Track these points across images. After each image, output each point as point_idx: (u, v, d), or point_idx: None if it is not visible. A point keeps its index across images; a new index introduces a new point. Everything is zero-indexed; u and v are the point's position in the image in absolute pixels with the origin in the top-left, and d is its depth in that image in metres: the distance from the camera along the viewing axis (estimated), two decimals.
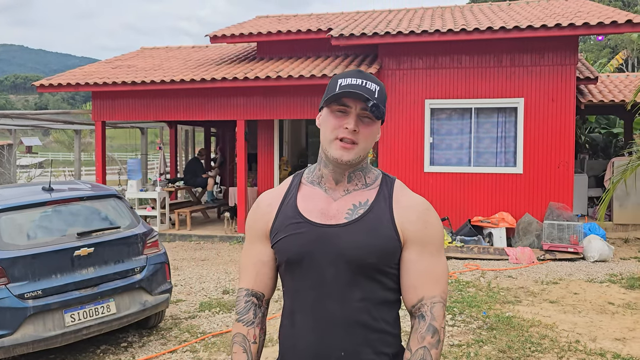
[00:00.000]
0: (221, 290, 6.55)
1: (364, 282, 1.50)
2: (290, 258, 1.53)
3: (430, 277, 1.53)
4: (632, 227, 10.29)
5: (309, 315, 1.52)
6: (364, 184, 1.59)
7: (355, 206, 1.55)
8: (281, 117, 9.75)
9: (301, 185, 1.63)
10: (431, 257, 1.54)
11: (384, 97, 1.53)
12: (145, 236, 4.83)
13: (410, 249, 1.52)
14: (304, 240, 1.52)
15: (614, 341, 4.74)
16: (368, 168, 1.62)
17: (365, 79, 1.51)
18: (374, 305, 1.51)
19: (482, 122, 9.33)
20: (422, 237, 1.53)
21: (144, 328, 5.16)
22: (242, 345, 1.59)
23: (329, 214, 1.55)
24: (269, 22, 11.41)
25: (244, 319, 1.61)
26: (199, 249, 9.23)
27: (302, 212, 1.56)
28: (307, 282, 1.52)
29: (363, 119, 1.51)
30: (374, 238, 1.50)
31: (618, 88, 11.94)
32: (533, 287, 6.59)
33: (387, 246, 1.50)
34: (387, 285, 1.53)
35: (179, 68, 10.45)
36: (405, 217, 1.53)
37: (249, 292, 1.63)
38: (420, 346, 1.48)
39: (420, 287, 1.52)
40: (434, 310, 1.51)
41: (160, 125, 14.69)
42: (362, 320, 1.50)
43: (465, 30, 8.57)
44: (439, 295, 1.53)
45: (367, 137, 1.53)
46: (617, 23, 8.14)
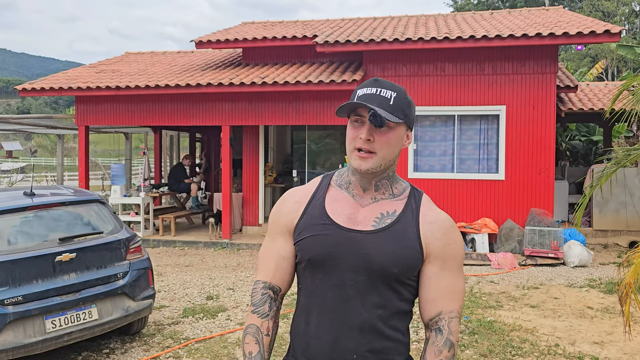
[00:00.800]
0: (205, 296, 6.53)
1: (383, 290, 1.53)
2: (313, 258, 1.55)
3: (449, 293, 1.56)
4: (611, 233, 10.47)
5: (325, 316, 1.53)
6: (391, 194, 1.61)
7: (382, 215, 1.57)
8: (266, 123, 9.78)
9: (330, 187, 1.64)
10: (451, 273, 1.57)
11: (402, 101, 1.53)
12: (128, 241, 4.81)
13: (432, 263, 1.56)
14: (329, 241, 1.54)
15: (593, 345, 4.83)
16: (395, 178, 1.64)
17: (380, 87, 1.53)
18: (390, 314, 1.54)
19: (465, 129, 9.45)
20: (445, 253, 1.57)
21: (126, 334, 5.13)
22: (255, 336, 1.59)
23: (356, 220, 1.57)
24: (255, 28, 11.45)
25: (259, 311, 1.61)
26: (183, 255, 9.19)
27: (329, 214, 1.58)
28: (327, 284, 1.54)
29: (381, 127, 1.51)
30: (399, 249, 1.53)
31: (597, 96, 12.17)
32: (514, 292, 6.68)
33: (411, 258, 1.53)
34: (404, 296, 1.56)
35: (164, 73, 10.43)
36: (430, 233, 1.56)
37: (266, 284, 1.63)
38: (437, 359, 1.52)
39: (439, 301, 1.55)
40: (451, 325, 1.54)
41: (145, 131, 14.60)
42: (378, 327, 1.52)
43: (448, 38, 8.69)
44: (456, 310, 1.57)
45: (384, 145, 1.53)
46: (596, 33, 8.32)
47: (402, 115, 1.53)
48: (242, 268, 8.12)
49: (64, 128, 14.11)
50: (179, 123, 10.06)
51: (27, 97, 17.41)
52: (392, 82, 1.57)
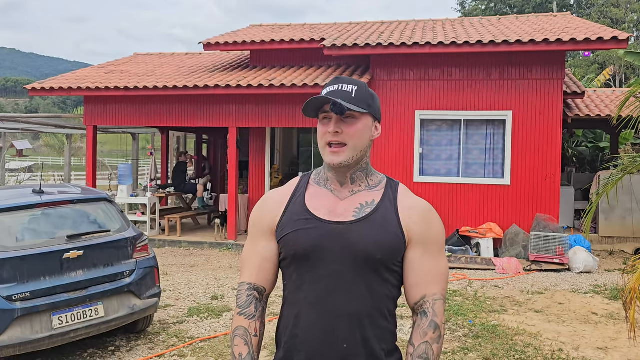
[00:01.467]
0: (210, 296, 6.56)
1: (369, 278, 1.56)
2: (298, 252, 1.58)
3: (433, 276, 1.60)
4: (617, 239, 10.43)
5: (313, 308, 1.55)
6: (367, 186, 1.66)
7: (362, 205, 1.62)
8: (273, 125, 9.82)
9: (309, 186, 1.69)
10: (433, 257, 1.61)
11: (364, 94, 1.60)
12: (135, 240, 4.86)
13: (414, 248, 1.60)
14: (312, 235, 1.57)
15: (596, 350, 4.83)
16: (370, 171, 1.69)
17: (342, 83, 1.60)
18: (377, 301, 1.57)
19: (471, 134, 9.46)
20: (426, 238, 1.61)
21: (131, 332, 5.16)
22: (244, 338, 1.61)
23: (336, 212, 1.61)
24: (263, 30, 11.51)
25: (245, 313, 1.63)
26: (189, 255, 9.24)
27: (310, 210, 1.62)
28: (314, 276, 1.56)
29: (345, 119, 1.58)
30: (382, 235, 1.56)
31: (604, 103, 12.15)
32: (519, 296, 6.67)
33: (394, 243, 1.57)
34: (390, 283, 1.60)
35: (172, 74, 10.50)
36: (409, 218, 1.61)
37: (250, 286, 1.66)
38: (423, 341, 1.55)
39: (423, 285, 1.59)
40: (435, 307, 1.58)
41: (152, 131, 14.70)
42: (366, 315, 1.55)
43: (455, 43, 8.71)
44: (440, 292, 1.60)
45: (353, 136, 1.58)
46: (603, 39, 8.32)
47: (365, 105, 1.59)
48: None
49: (72, 128, 14.23)
50: (186, 124, 10.12)
51: (36, 96, 17.52)
52: (353, 78, 1.66)
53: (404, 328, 5.21)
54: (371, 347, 1.55)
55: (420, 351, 1.54)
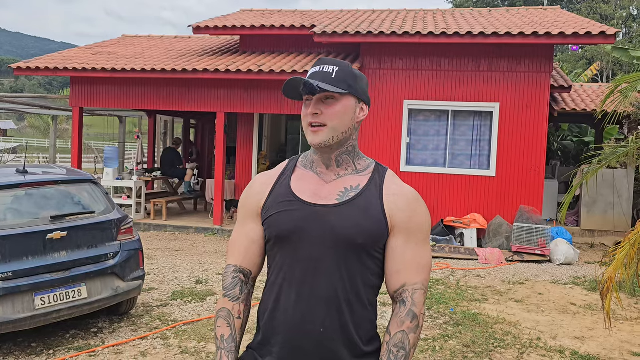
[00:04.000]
0: (194, 280, 6.58)
1: (350, 262, 1.54)
2: (280, 233, 1.57)
3: (414, 265, 1.58)
4: (598, 233, 10.60)
5: (293, 290, 1.55)
6: (354, 170, 1.64)
7: (346, 189, 1.60)
8: (261, 111, 9.80)
9: (296, 169, 1.68)
10: (416, 246, 1.59)
11: (346, 74, 1.58)
12: (119, 222, 4.84)
13: (397, 235, 1.58)
14: (295, 216, 1.57)
15: (574, 339, 4.93)
16: (357, 154, 1.66)
17: (324, 64, 1.59)
18: (357, 286, 1.55)
19: (459, 125, 9.52)
20: (409, 226, 1.58)
21: (115, 314, 5.17)
22: (227, 320, 1.62)
23: (320, 195, 1.60)
24: (253, 15, 11.43)
25: (230, 294, 1.64)
26: (174, 240, 9.22)
27: (294, 192, 1.61)
28: (295, 258, 1.56)
29: (325, 100, 1.57)
30: (364, 220, 1.54)
31: (590, 98, 12.27)
32: (500, 286, 6.77)
33: (375, 229, 1.55)
34: (371, 270, 1.58)
35: (161, 57, 10.40)
36: (394, 204, 1.58)
37: (236, 268, 1.66)
38: (399, 330, 1.54)
39: (403, 273, 1.57)
40: (414, 296, 1.56)
41: (139, 115, 14.57)
42: (345, 300, 1.53)
43: (445, 33, 8.73)
44: (421, 282, 1.58)
45: (333, 117, 1.56)
46: (591, 34, 8.39)
47: (345, 86, 1.56)
48: None
49: (58, 109, 14.06)
50: (174, 108, 10.05)
51: (21, 76, 17.27)
52: (338, 59, 1.61)
53: (385, 315, 5.27)
54: (349, 332, 1.54)
55: (396, 340, 1.53)
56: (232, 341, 1.60)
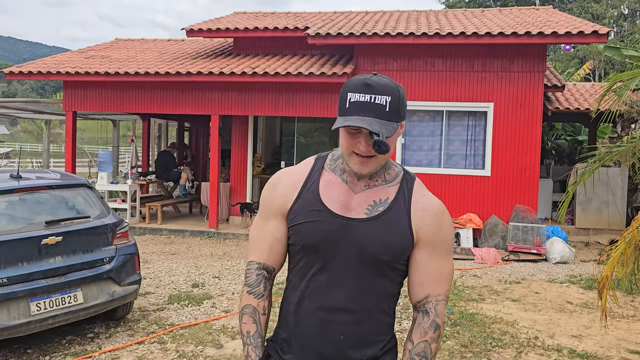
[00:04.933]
0: (191, 283, 6.55)
1: (373, 275, 1.58)
2: (307, 244, 1.58)
3: (438, 277, 1.61)
4: (593, 231, 10.64)
5: (315, 298, 1.58)
6: (384, 180, 1.63)
7: (375, 203, 1.59)
8: (256, 113, 9.78)
9: (323, 172, 1.65)
10: (440, 258, 1.62)
11: (397, 104, 1.48)
12: (115, 226, 4.82)
13: (422, 248, 1.60)
14: (323, 228, 1.56)
15: (571, 338, 4.94)
16: (388, 164, 1.64)
17: (375, 94, 1.46)
18: (377, 296, 1.60)
19: (453, 125, 9.54)
20: (435, 239, 1.60)
21: (111, 319, 5.14)
22: (252, 316, 1.64)
23: (349, 207, 1.58)
24: (247, 18, 11.42)
25: (255, 292, 1.65)
26: (169, 243, 9.19)
27: (323, 201, 1.59)
28: (320, 267, 1.58)
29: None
30: (391, 237, 1.56)
31: (584, 97, 12.32)
32: (497, 286, 6.78)
33: (402, 245, 1.57)
34: (393, 280, 1.62)
35: (154, 60, 10.37)
36: (421, 220, 1.59)
37: (260, 265, 1.66)
38: (422, 340, 1.58)
39: (427, 285, 1.61)
40: (438, 307, 1.61)
41: (133, 118, 14.53)
42: (365, 308, 1.58)
43: (439, 34, 8.75)
44: (444, 293, 1.62)
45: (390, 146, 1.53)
46: (584, 33, 8.43)
47: (398, 117, 1.49)
48: (228, 257, 8.15)
49: (51, 113, 13.99)
50: (168, 111, 10.02)
51: (14, 81, 17.07)
52: (383, 81, 1.49)
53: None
54: (367, 340, 1.59)
55: (418, 349, 1.58)
56: (258, 337, 1.64)
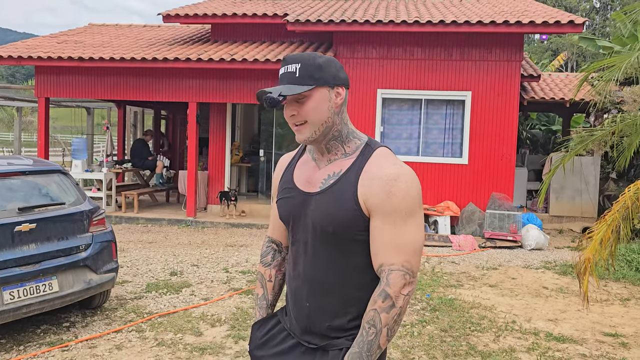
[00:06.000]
0: (169, 272, 6.47)
1: (333, 247, 1.63)
2: (282, 218, 1.76)
3: (392, 246, 1.57)
4: (566, 219, 10.84)
5: (291, 268, 1.75)
6: (343, 154, 1.68)
7: (329, 176, 1.66)
8: (234, 100, 9.68)
9: (304, 153, 1.80)
10: (394, 227, 1.57)
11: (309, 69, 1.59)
12: (91, 213, 4.71)
13: (373, 218, 1.59)
14: (290, 204, 1.72)
15: (547, 322, 5.03)
16: (347, 137, 1.68)
17: (287, 64, 1.62)
18: (342, 271, 1.63)
19: (431, 114, 9.58)
20: (385, 208, 1.57)
21: (87, 308, 5.04)
22: (261, 282, 1.91)
23: (311, 182, 1.69)
24: (224, 4, 11.24)
25: (263, 261, 1.91)
26: (146, 232, 9.07)
27: (294, 179, 1.75)
28: (293, 240, 1.74)
29: (298, 99, 1.61)
30: (333, 208, 1.60)
31: (559, 87, 12.49)
32: (474, 272, 6.87)
33: (346, 216, 1.58)
34: (358, 252, 1.62)
35: (130, 46, 10.16)
36: (367, 189, 1.58)
37: (269, 239, 1.92)
38: (372, 308, 1.57)
39: (380, 254, 1.58)
40: (390, 277, 1.56)
41: (108, 106, 14.24)
42: (328, 280, 1.64)
43: (418, 22, 8.75)
44: (399, 262, 1.56)
45: (309, 112, 1.61)
46: (560, 23, 8.53)
47: (311, 81, 1.58)
48: (206, 245, 8.08)
49: (23, 100, 13.62)
50: (145, 98, 9.84)
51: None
52: (299, 53, 1.63)
53: None
54: (331, 312, 1.64)
55: (368, 317, 1.57)
56: (263, 299, 1.88)
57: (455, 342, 4.43)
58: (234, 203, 9.90)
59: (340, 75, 1.65)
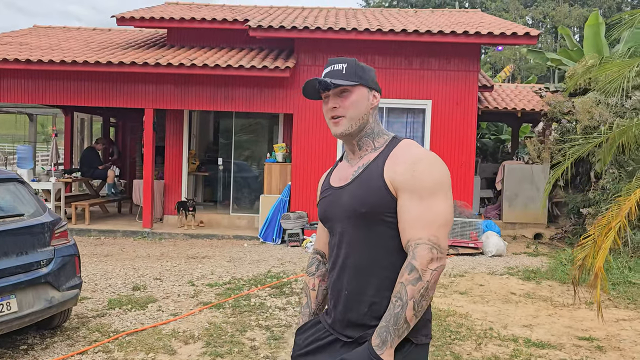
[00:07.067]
0: (131, 286, 6.13)
1: (365, 232, 1.71)
2: (320, 218, 1.89)
3: (418, 221, 1.62)
4: (519, 225, 11.15)
5: (331, 260, 1.84)
6: (373, 148, 1.81)
7: (359, 167, 1.78)
8: (193, 107, 9.39)
9: (339, 162, 1.92)
10: (420, 202, 1.63)
11: (354, 68, 1.77)
12: (52, 225, 4.37)
13: (401, 196, 1.67)
14: (327, 201, 1.85)
15: (522, 327, 5.08)
16: (377, 134, 1.83)
17: (334, 64, 1.79)
18: (375, 252, 1.70)
19: (392, 122, 9.64)
20: (410, 185, 1.65)
21: (45, 328, 4.67)
22: (305, 291, 2.03)
23: (343, 178, 1.82)
24: (180, 9, 10.93)
25: (308, 271, 2.03)
26: (100, 245, 8.60)
27: (330, 181, 1.88)
28: (331, 235, 1.86)
29: (341, 94, 1.77)
30: (364, 190, 1.70)
31: (510, 97, 12.91)
32: (442, 279, 6.89)
33: (376, 195, 1.68)
34: (388, 233, 1.68)
35: (81, 49, 9.67)
36: (392, 170, 1.69)
37: (315, 250, 2.05)
38: (399, 281, 1.61)
39: (407, 230, 1.64)
40: (416, 250, 1.60)
41: (54, 112, 13.53)
42: (362, 264, 1.72)
43: (381, 30, 8.80)
44: (426, 237, 1.60)
45: (348, 107, 1.76)
46: (517, 34, 8.79)
47: (356, 78, 1.76)
48: (167, 258, 7.73)
49: None
50: (98, 104, 9.38)
51: None
52: (344, 57, 1.82)
53: None
54: (369, 294, 1.70)
55: (395, 290, 1.60)
56: (307, 307, 1.99)
57: (438, 351, 4.38)
58: (193, 213, 9.58)
59: (376, 82, 1.84)
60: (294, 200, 9.44)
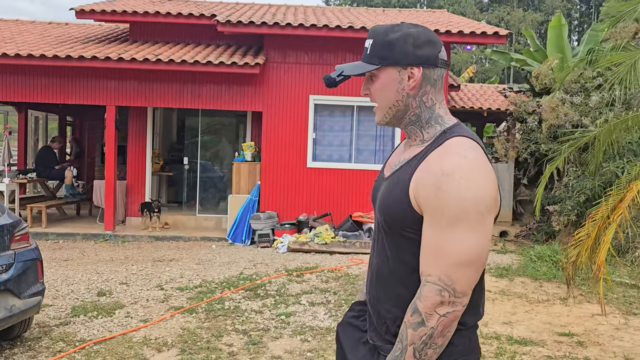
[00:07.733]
0: (95, 292, 5.79)
1: (386, 237, 1.50)
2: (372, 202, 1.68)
3: (432, 252, 1.36)
4: None
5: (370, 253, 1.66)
6: (421, 140, 1.51)
7: (400, 161, 1.53)
8: (158, 104, 9.05)
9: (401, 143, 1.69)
10: (440, 230, 1.34)
11: (378, 46, 1.47)
12: (12, 228, 4.05)
13: (424, 216, 1.39)
14: (373, 189, 1.65)
15: (503, 325, 5.05)
16: (427, 122, 1.50)
17: (368, 37, 1.52)
18: (393, 264, 1.48)
19: (363, 120, 9.55)
20: (432, 206, 1.36)
21: (4, 339, 4.33)
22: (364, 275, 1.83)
23: (389, 166, 1.60)
24: (142, 3, 10.53)
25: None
26: (59, 249, 8.17)
27: (388, 162, 1.66)
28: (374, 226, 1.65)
29: (371, 77, 1.51)
30: (387, 197, 1.48)
31: (475, 97, 13.06)
32: None
33: (395, 209, 1.44)
34: (404, 248, 1.45)
35: (37, 43, 9.17)
36: (419, 181, 1.39)
37: None
38: (404, 319, 1.41)
39: (422, 260, 1.39)
40: (423, 289, 1.37)
41: (5, 110, 12.85)
42: (382, 272, 1.52)
43: (352, 27, 8.69)
44: (436, 275, 1.34)
45: (377, 93, 1.51)
46: (486, 34, 8.85)
47: (377, 60, 1.46)
48: (132, 261, 7.39)
49: None
50: (56, 100, 8.91)
51: None
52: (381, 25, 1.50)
53: None
54: (385, 307, 1.50)
55: (400, 329, 1.42)
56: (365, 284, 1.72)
57: None
58: (157, 215, 9.23)
59: (418, 53, 1.44)
60: (264, 200, 9.23)
